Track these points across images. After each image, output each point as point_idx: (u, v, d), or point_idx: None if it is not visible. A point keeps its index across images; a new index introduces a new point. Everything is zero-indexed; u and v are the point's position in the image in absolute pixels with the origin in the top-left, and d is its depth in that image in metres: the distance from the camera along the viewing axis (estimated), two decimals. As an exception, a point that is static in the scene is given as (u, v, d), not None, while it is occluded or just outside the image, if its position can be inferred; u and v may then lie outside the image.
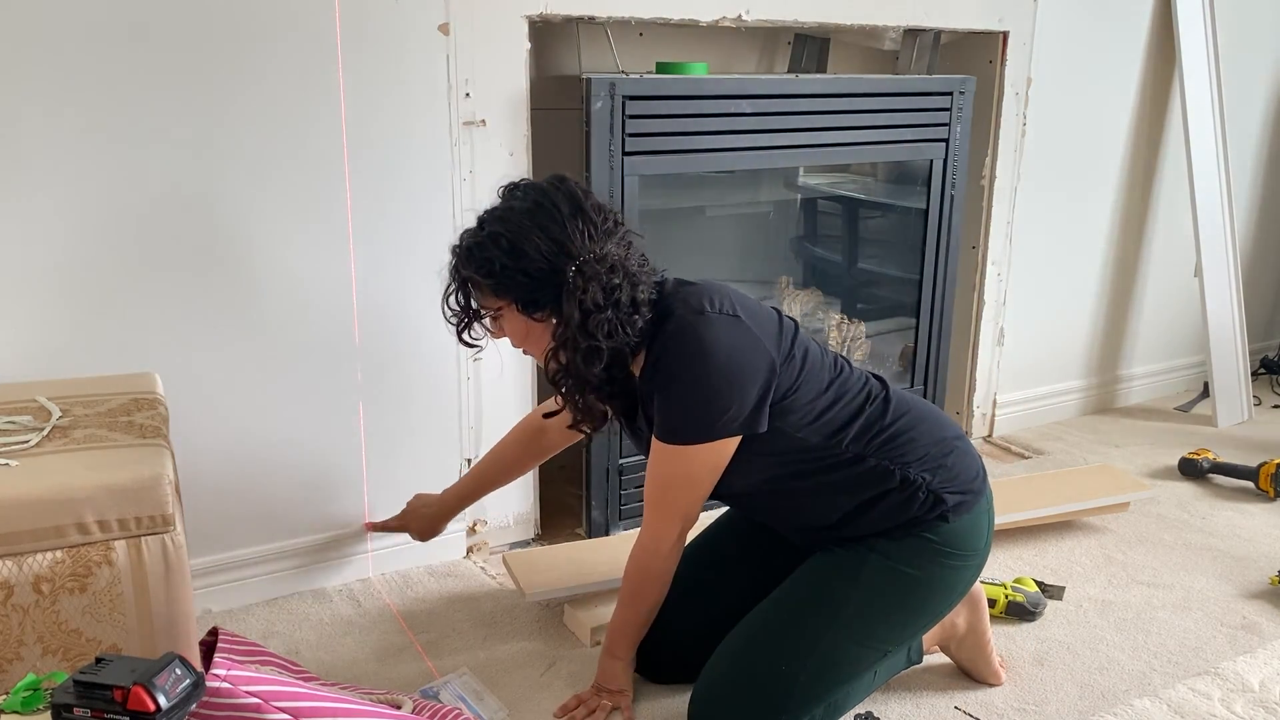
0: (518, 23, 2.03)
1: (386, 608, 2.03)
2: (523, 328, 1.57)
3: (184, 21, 1.73)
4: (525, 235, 1.48)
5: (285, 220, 1.90)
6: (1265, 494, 2.61)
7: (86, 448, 1.42)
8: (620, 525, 2.35)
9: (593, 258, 1.48)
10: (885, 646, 1.62)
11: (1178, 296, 3.33)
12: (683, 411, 1.52)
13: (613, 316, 1.50)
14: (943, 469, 1.60)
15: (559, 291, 1.49)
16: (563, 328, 1.51)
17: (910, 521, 1.58)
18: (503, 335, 1.61)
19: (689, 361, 1.50)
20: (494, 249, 1.49)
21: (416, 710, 1.53)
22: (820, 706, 1.59)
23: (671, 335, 1.52)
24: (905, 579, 1.58)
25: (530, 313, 1.53)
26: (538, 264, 1.48)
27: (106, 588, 1.34)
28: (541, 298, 1.51)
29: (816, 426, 1.57)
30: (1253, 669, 1.86)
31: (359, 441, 2.06)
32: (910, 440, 1.60)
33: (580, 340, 1.50)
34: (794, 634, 1.58)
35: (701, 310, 1.53)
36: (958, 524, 1.59)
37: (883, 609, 1.58)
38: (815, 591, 1.60)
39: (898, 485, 1.57)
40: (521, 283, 1.50)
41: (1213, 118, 3.07)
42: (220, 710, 1.24)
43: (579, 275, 1.48)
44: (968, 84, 2.59)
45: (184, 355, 1.86)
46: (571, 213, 1.50)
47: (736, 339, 1.52)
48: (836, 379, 1.61)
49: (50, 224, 1.71)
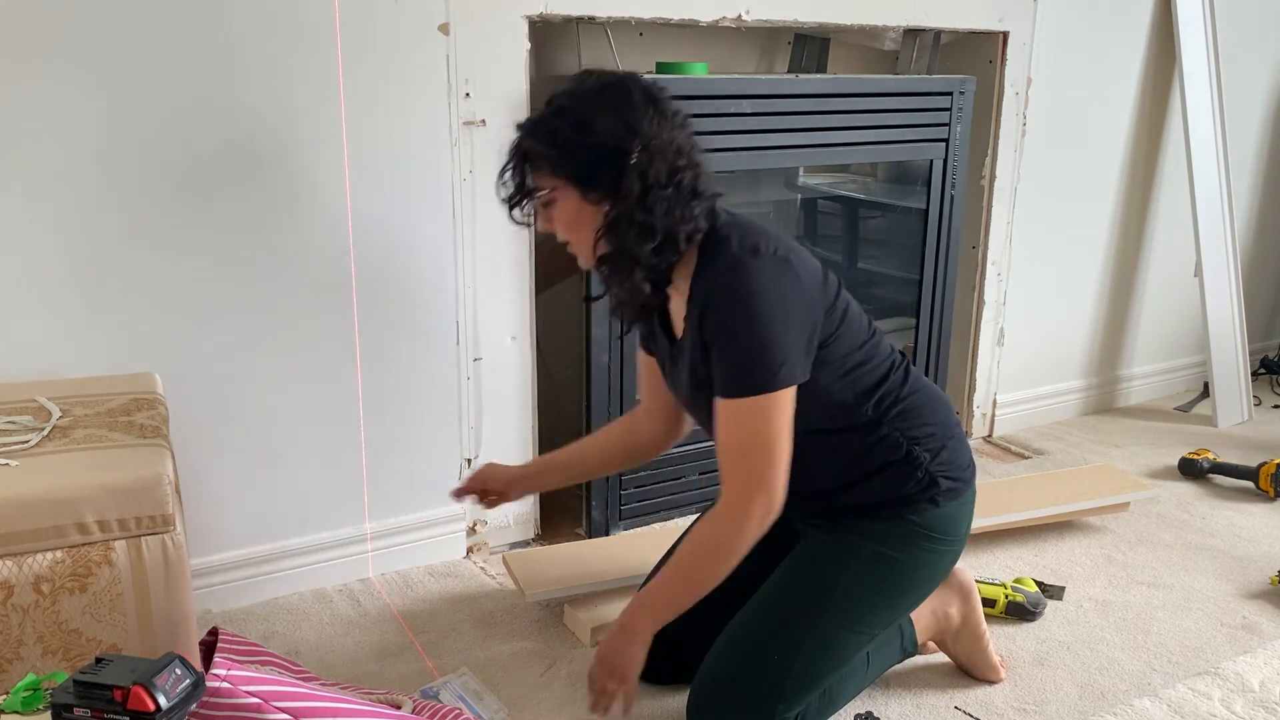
0: (518, 23, 2.04)
1: (386, 608, 2.03)
2: (573, 211, 1.51)
3: (183, 23, 1.73)
4: (594, 111, 1.46)
5: (285, 220, 1.90)
6: (1265, 494, 2.61)
7: (86, 448, 1.42)
8: (620, 525, 2.35)
9: (660, 140, 1.46)
10: (873, 630, 1.64)
11: (1178, 296, 3.33)
12: (742, 361, 1.48)
13: (673, 196, 1.47)
14: (945, 451, 1.61)
15: (619, 173, 1.46)
16: (620, 203, 1.47)
17: (900, 499, 1.59)
18: (549, 226, 1.56)
19: (743, 307, 1.46)
20: (560, 122, 1.47)
21: (416, 710, 1.53)
22: (815, 693, 1.60)
23: (725, 272, 1.48)
24: (890, 563, 1.59)
25: (586, 193, 1.49)
26: (603, 140, 1.45)
27: (106, 588, 1.35)
28: (601, 176, 1.47)
29: (846, 383, 1.56)
30: (1253, 669, 1.86)
31: (359, 441, 2.07)
32: (920, 418, 1.61)
33: (637, 214, 1.46)
34: (785, 623, 1.59)
35: (756, 250, 1.49)
36: (945, 510, 1.61)
37: (870, 593, 1.60)
38: (804, 580, 1.61)
39: (901, 459, 1.58)
40: (583, 158, 1.46)
41: (1213, 118, 3.07)
42: (220, 710, 1.24)
43: (645, 151, 1.45)
44: (968, 84, 2.59)
45: (184, 355, 1.86)
46: (644, 100, 1.48)
47: (789, 284, 1.49)
48: (869, 340, 1.61)
49: (51, 224, 1.71)
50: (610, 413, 2.27)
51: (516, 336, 2.19)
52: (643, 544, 2.17)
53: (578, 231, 1.53)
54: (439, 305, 2.09)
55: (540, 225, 1.57)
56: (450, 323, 2.11)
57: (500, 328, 2.17)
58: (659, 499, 2.40)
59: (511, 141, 1.54)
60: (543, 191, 1.51)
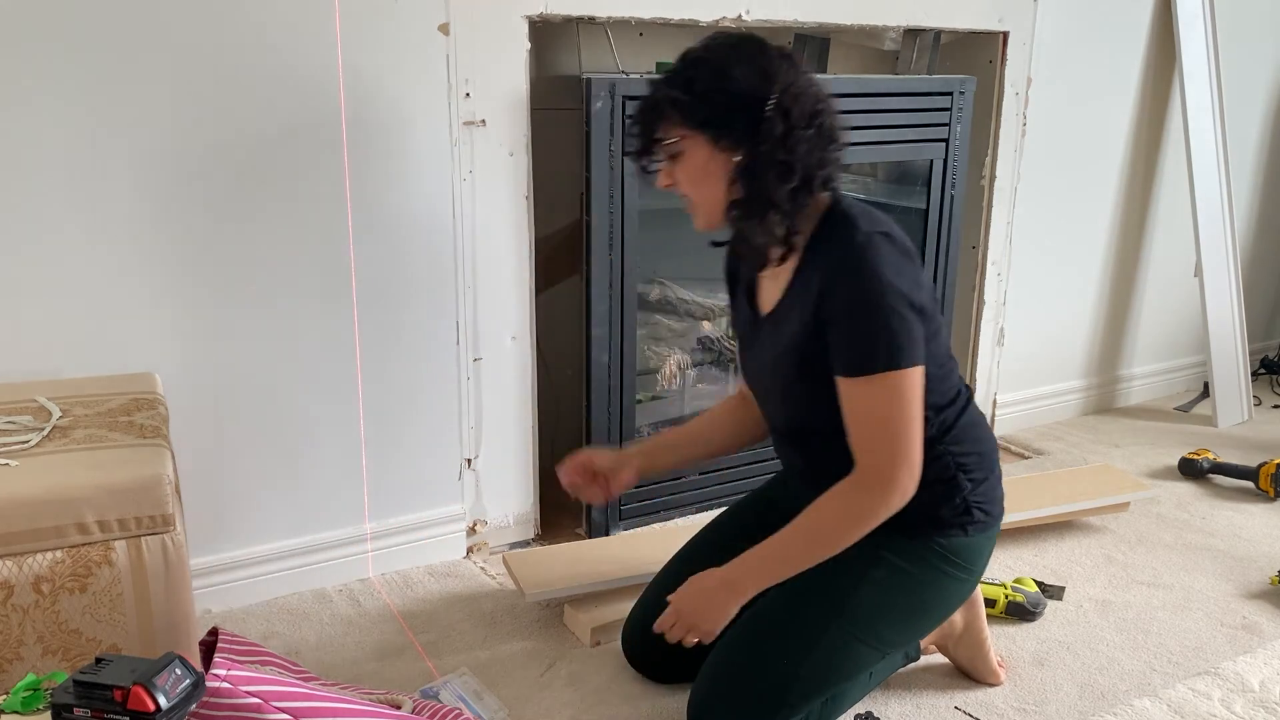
0: (518, 23, 2.04)
1: (386, 608, 2.03)
2: (702, 160, 1.50)
3: (182, 24, 1.73)
4: (731, 61, 1.47)
5: (284, 220, 1.90)
6: (1265, 494, 2.61)
7: (86, 448, 1.42)
8: (620, 525, 2.35)
9: (799, 85, 1.47)
10: (885, 647, 1.62)
11: (1178, 296, 3.33)
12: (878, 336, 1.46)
13: (814, 138, 1.47)
14: (985, 485, 1.62)
15: (756, 118, 1.46)
16: (759, 146, 1.46)
17: (933, 520, 1.59)
18: (669, 181, 1.55)
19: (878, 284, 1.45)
20: (697, 70, 1.48)
21: (416, 710, 1.53)
22: (819, 701, 1.59)
23: (858, 248, 1.48)
24: (909, 580, 1.58)
25: (718, 140, 1.48)
26: (740, 85, 1.45)
27: (106, 588, 1.35)
28: (736, 122, 1.47)
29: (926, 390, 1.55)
30: (1253, 669, 1.86)
31: (359, 441, 2.07)
32: (973, 446, 1.62)
33: (779, 154, 1.46)
34: (797, 627, 1.58)
35: (889, 235, 1.50)
36: (971, 540, 1.61)
37: (886, 606, 1.59)
38: (820, 586, 1.59)
39: (946, 480, 1.58)
40: (720, 103, 1.46)
41: (1213, 118, 3.07)
42: (220, 710, 1.24)
43: (785, 94, 1.45)
44: (968, 84, 2.59)
45: (184, 355, 1.86)
46: (779, 54, 1.49)
47: (916, 273, 1.51)
48: (949, 360, 1.61)
49: (49, 225, 1.71)
50: (610, 413, 2.28)
51: (516, 336, 2.19)
52: (643, 544, 2.17)
53: (703, 182, 1.52)
54: (439, 305, 2.09)
55: (660, 181, 1.56)
56: (450, 323, 2.11)
57: (500, 328, 2.17)
58: (659, 499, 2.40)
59: (642, 96, 1.54)
60: (672, 141, 1.51)
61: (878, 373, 1.46)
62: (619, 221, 2.17)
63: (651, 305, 2.57)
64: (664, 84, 1.50)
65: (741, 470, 2.49)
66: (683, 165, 1.52)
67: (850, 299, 1.47)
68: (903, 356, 1.46)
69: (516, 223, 2.13)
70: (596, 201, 2.14)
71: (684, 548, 1.83)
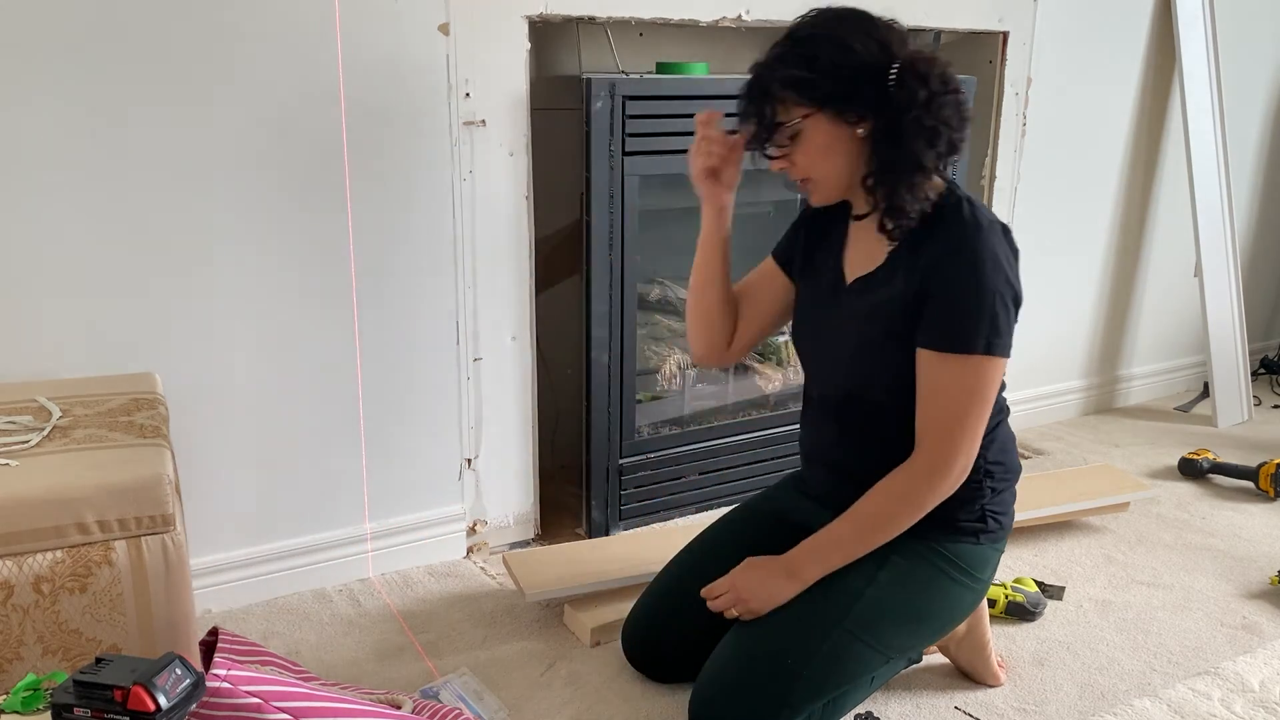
0: (518, 23, 2.04)
1: (386, 608, 2.03)
2: (826, 137, 1.48)
3: (181, 25, 1.73)
4: (847, 33, 1.46)
5: (283, 220, 1.90)
6: (1265, 494, 2.61)
7: (86, 448, 1.42)
8: (620, 525, 2.35)
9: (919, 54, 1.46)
10: (889, 651, 1.62)
11: (1178, 296, 3.33)
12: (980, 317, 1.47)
13: (953, 101, 1.46)
14: (1002, 495, 1.64)
15: (880, 90, 1.44)
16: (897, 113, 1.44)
17: (948, 524, 1.59)
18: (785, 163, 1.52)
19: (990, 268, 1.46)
20: (815, 47, 1.46)
21: (416, 710, 1.52)
22: (820, 702, 1.59)
23: (976, 229, 1.48)
24: (915, 584, 1.59)
25: (842, 114, 1.46)
26: (862, 57, 1.44)
27: (106, 588, 1.34)
28: (862, 94, 1.45)
29: None
30: (1253, 669, 1.86)
31: (359, 441, 2.07)
32: (999, 455, 1.63)
33: (926, 119, 1.44)
34: (802, 627, 1.57)
35: (1007, 229, 1.52)
36: (981, 549, 1.62)
37: (890, 609, 1.59)
38: (827, 586, 1.59)
39: (971, 485, 1.58)
40: (845, 76, 1.44)
41: (1213, 118, 3.07)
42: (220, 710, 1.24)
43: (912, 62, 1.44)
44: (968, 84, 2.59)
45: (184, 355, 1.86)
46: (886, 25, 1.48)
47: (1018, 272, 1.52)
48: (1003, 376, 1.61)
49: (50, 225, 1.71)
50: (610, 413, 2.28)
51: (516, 336, 2.19)
52: (643, 544, 2.17)
53: (827, 158, 1.51)
54: (439, 305, 2.09)
55: (774, 165, 1.54)
56: (450, 323, 2.11)
57: (500, 328, 2.17)
58: (659, 499, 2.40)
59: (745, 84, 1.52)
60: (793, 121, 1.49)
61: (973, 354, 1.48)
62: (619, 221, 2.17)
63: (651, 305, 2.57)
64: (778, 63, 1.48)
65: (741, 470, 2.50)
66: (802, 145, 1.50)
67: (964, 278, 1.48)
68: (999, 345, 1.49)
69: (516, 223, 2.13)
70: (596, 201, 2.14)
71: (686, 553, 1.82)
